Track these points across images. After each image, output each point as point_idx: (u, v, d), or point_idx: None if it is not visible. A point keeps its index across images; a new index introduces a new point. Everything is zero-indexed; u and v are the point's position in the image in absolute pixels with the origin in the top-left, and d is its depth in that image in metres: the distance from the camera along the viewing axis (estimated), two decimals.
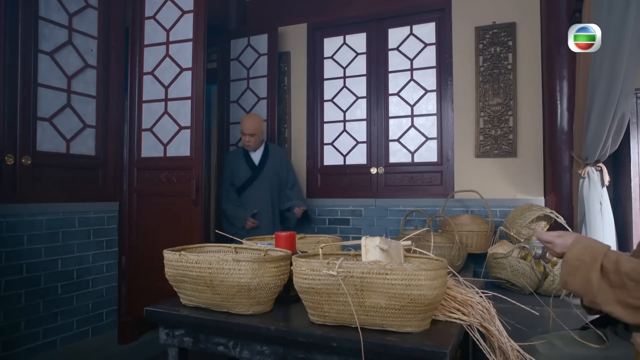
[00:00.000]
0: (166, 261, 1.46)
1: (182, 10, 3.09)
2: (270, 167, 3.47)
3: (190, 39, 3.04)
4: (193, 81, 3.02)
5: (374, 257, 1.23)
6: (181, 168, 3.02)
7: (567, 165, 3.09)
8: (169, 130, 3.08)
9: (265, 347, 1.32)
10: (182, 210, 3.10)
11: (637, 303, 1.07)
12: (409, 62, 3.83)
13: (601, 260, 1.16)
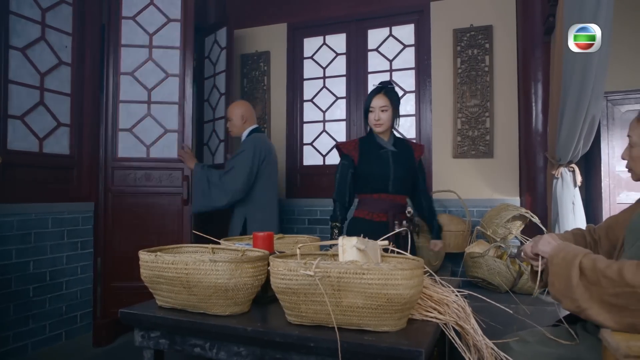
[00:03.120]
0: (142, 262, 1.44)
1: (167, 17, 3.19)
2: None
3: (177, 46, 3.18)
4: (181, 88, 3.18)
5: (351, 257, 1.24)
6: (169, 169, 3.17)
7: (542, 166, 3.16)
8: (152, 132, 3.15)
9: (242, 348, 1.31)
10: (168, 210, 3.19)
11: (612, 300, 1.09)
12: (388, 63, 3.86)
13: (580, 259, 1.18)
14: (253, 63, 4.22)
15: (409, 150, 2.51)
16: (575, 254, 1.21)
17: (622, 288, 1.08)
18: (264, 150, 2.94)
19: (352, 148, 2.47)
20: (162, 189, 3.17)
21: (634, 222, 1.33)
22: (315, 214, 3.91)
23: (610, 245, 1.46)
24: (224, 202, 2.88)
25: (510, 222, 3.15)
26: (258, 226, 2.86)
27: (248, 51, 4.24)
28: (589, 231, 1.55)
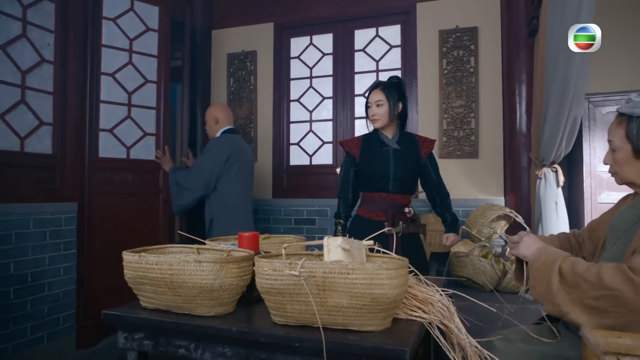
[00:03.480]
0: (125, 263, 1.42)
1: (146, 26, 3.29)
2: None
3: (155, 55, 3.33)
4: (159, 95, 3.33)
5: (336, 257, 1.24)
6: (149, 171, 3.28)
7: (526, 166, 3.20)
8: (132, 134, 3.20)
9: (227, 349, 1.30)
10: (150, 212, 3.30)
11: (592, 303, 1.11)
12: (375, 64, 3.88)
13: (560, 263, 1.20)
14: (240, 62, 4.20)
15: (415, 147, 2.39)
16: (554, 258, 1.23)
17: (602, 291, 1.09)
18: (227, 150, 2.98)
19: (354, 145, 2.44)
20: (143, 190, 3.27)
21: (614, 221, 1.36)
22: (302, 213, 3.91)
23: (593, 246, 1.49)
24: (189, 200, 3.01)
25: (494, 221, 3.18)
26: (226, 226, 2.91)
27: (234, 50, 4.22)
28: (574, 235, 1.58)
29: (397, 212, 2.32)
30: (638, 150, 1.24)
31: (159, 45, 3.34)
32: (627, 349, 1.00)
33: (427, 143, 2.43)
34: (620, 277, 1.08)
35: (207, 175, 2.95)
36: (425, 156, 2.39)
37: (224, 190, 2.99)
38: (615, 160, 1.31)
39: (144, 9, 3.28)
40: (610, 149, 1.33)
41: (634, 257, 1.11)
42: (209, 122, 3.16)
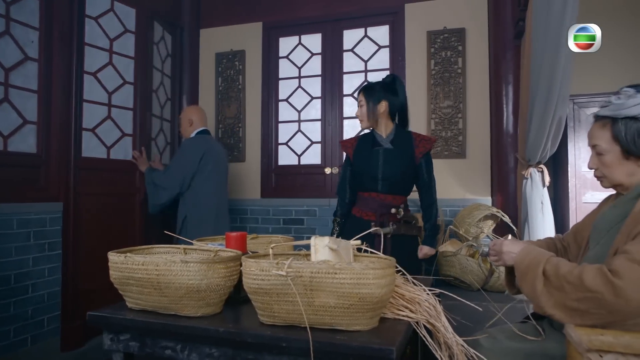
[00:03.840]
0: (111, 263, 1.41)
1: (125, 27, 3.29)
2: None
3: (132, 56, 3.35)
4: (136, 96, 3.36)
5: (323, 256, 1.24)
6: (126, 171, 3.30)
7: (513, 167, 3.23)
8: (112, 134, 3.22)
9: (214, 350, 1.30)
10: (132, 212, 3.34)
11: (574, 305, 1.13)
12: (364, 64, 3.88)
13: (543, 265, 1.22)
14: (228, 62, 4.19)
15: (409, 146, 2.32)
16: (538, 260, 1.25)
17: (583, 293, 1.11)
18: (201, 149, 3.11)
19: (349, 145, 2.46)
20: (122, 190, 3.30)
21: (598, 221, 1.38)
22: (290, 213, 3.90)
23: (578, 248, 1.51)
24: (165, 199, 3.13)
25: (482, 221, 3.21)
26: (199, 224, 3.05)
27: (223, 50, 4.20)
28: (559, 239, 1.60)
29: (387, 212, 2.29)
30: (628, 150, 1.26)
31: (136, 46, 3.38)
32: (609, 346, 1.01)
33: (423, 142, 2.34)
34: (601, 279, 1.09)
35: (182, 174, 3.06)
36: (420, 156, 2.31)
37: (198, 189, 3.11)
38: (604, 163, 1.31)
39: (123, 10, 3.30)
40: (596, 152, 1.33)
41: (615, 259, 1.13)
42: (184, 123, 3.29)
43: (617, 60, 3.28)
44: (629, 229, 1.20)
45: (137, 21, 3.40)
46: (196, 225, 3.06)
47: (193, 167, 3.08)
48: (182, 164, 3.09)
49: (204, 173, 3.10)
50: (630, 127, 1.24)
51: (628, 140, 1.24)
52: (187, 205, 3.12)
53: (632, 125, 1.24)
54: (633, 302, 1.05)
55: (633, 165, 1.28)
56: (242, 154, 4.11)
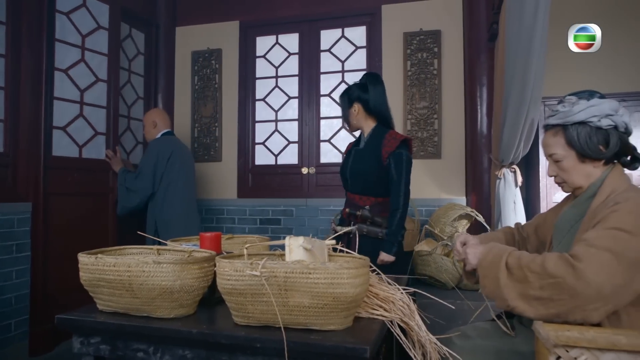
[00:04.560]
0: (81, 265, 1.37)
1: (98, 24, 3.24)
2: None
3: (106, 53, 3.30)
4: (109, 94, 3.32)
5: (297, 256, 1.24)
6: (99, 170, 3.26)
7: (487, 167, 3.29)
8: (84, 133, 3.16)
9: (188, 351, 1.28)
10: (104, 212, 3.29)
11: (537, 294, 1.16)
12: (341, 64, 3.90)
13: (506, 258, 1.25)
14: (204, 60, 4.14)
15: (378, 147, 2.25)
16: (500, 254, 1.28)
17: (546, 280, 1.15)
18: (168, 149, 3.13)
19: (348, 147, 2.55)
20: (94, 190, 3.25)
21: (560, 220, 1.43)
22: (267, 213, 3.88)
23: (539, 242, 1.56)
24: (136, 201, 3.10)
25: (456, 220, 3.26)
26: (169, 227, 3.06)
27: (199, 48, 4.15)
28: (518, 229, 1.65)
29: (354, 212, 2.29)
30: (583, 153, 1.31)
31: (109, 43, 3.32)
32: (575, 341, 1.04)
33: (390, 142, 2.23)
34: (563, 264, 1.14)
35: (152, 176, 3.07)
36: (386, 155, 2.21)
37: (167, 189, 3.11)
38: (562, 169, 1.37)
39: (96, 6, 3.25)
40: (553, 160, 1.38)
41: (575, 246, 1.18)
42: (147, 126, 3.27)
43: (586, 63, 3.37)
44: (587, 225, 1.26)
45: (110, 18, 3.33)
46: (166, 226, 3.06)
47: (161, 168, 3.08)
48: (151, 165, 3.08)
49: (172, 173, 3.12)
50: (580, 131, 1.30)
51: (581, 143, 1.30)
52: (156, 206, 3.12)
53: (582, 130, 1.30)
54: (593, 284, 1.10)
55: (589, 167, 1.34)
56: (218, 154, 4.07)
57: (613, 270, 1.11)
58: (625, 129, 1.31)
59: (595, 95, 1.34)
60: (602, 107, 1.29)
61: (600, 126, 1.28)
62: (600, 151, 1.30)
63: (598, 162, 1.32)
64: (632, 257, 1.12)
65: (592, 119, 1.29)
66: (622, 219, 1.16)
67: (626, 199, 1.21)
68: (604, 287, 1.10)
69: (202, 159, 4.09)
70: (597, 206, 1.27)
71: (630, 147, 1.34)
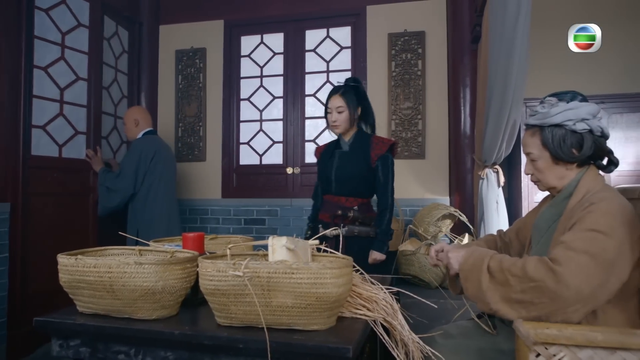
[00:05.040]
0: (60, 266, 1.35)
1: (78, 21, 3.18)
2: None
3: (86, 52, 3.23)
4: (89, 93, 3.26)
5: (280, 256, 1.23)
6: (79, 170, 3.20)
7: (470, 167, 3.33)
8: (64, 132, 3.10)
9: (170, 353, 1.27)
10: (84, 212, 3.23)
11: (519, 297, 1.18)
12: (325, 64, 3.90)
13: (487, 262, 1.26)
14: (188, 59, 4.11)
15: (366, 149, 2.31)
16: (482, 258, 1.29)
17: (527, 283, 1.17)
18: (151, 149, 3.09)
19: (319, 150, 2.53)
20: (74, 190, 3.19)
21: (538, 220, 1.45)
22: (252, 213, 3.87)
23: (520, 245, 1.59)
24: (116, 202, 3.06)
25: (440, 220, 3.29)
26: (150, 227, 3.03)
27: (183, 47, 4.11)
28: (500, 236, 1.67)
29: (341, 214, 2.29)
30: (556, 155, 1.34)
31: (90, 41, 3.27)
32: (554, 339, 1.06)
33: (380, 145, 2.32)
34: (543, 267, 1.16)
35: (133, 176, 3.02)
36: (376, 158, 2.29)
37: (149, 189, 3.08)
38: (537, 168, 1.40)
39: (76, 3, 3.18)
40: (530, 159, 1.42)
41: (554, 249, 1.20)
42: (129, 124, 3.22)
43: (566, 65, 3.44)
44: (564, 225, 1.28)
45: (90, 15, 3.28)
46: (148, 227, 3.03)
47: (144, 168, 3.04)
48: (133, 164, 3.03)
49: (155, 173, 3.08)
50: (555, 134, 1.33)
51: (555, 146, 1.33)
52: (138, 207, 3.08)
53: (557, 132, 1.33)
54: (572, 287, 1.12)
55: (562, 169, 1.37)
56: (202, 154, 4.04)
57: (591, 272, 1.14)
58: (600, 133, 1.33)
59: (577, 97, 1.35)
60: (579, 111, 1.30)
61: (575, 130, 1.31)
62: (573, 154, 1.33)
63: (571, 164, 1.35)
64: (608, 258, 1.15)
65: (567, 122, 1.31)
66: (598, 221, 1.18)
67: (601, 199, 1.24)
68: (583, 289, 1.12)
69: (186, 158, 4.06)
70: (573, 206, 1.30)
71: (606, 151, 1.37)
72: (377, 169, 2.30)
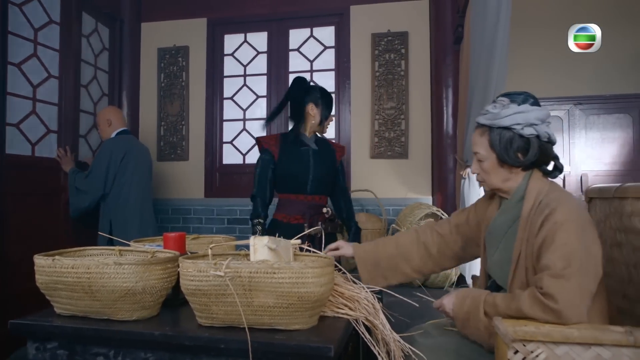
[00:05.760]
0: (37, 267, 1.33)
1: (49, 18, 3.11)
2: None
3: (57, 49, 3.16)
4: (61, 90, 3.19)
5: (262, 256, 1.23)
6: (51, 169, 3.13)
7: (452, 167, 3.36)
8: (37, 131, 3.05)
9: (150, 354, 1.25)
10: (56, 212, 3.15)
11: None
12: (309, 64, 3.90)
13: (482, 308, 1.28)
14: (171, 58, 4.06)
15: (331, 150, 2.45)
16: (476, 306, 1.29)
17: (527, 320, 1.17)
18: (122, 150, 3.03)
19: (272, 143, 2.40)
20: (52, 189, 3.14)
21: (491, 228, 1.46)
22: (235, 213, 3.85)
23: (463, 240, 1.61)
24: (87, 203, 3.00)
25: (423, 219, 3.31)
26: (124, 227, 2.97)
27: (165, 45, 4.07)
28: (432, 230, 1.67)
29: (316, 213, 2.32)
30: (502, 158, 1.34)
31: (61, 38, 3.19)
32: (532, 336, 1.08)
33: (339, 148, 2.53)
34: (539, 307, 1.15)
35: (104, 177, 2.96)
36: (339, 160, 2.48)
37: (119, 190, 3.02)
38: (483, 169, 1.40)
39: None
40: (477, 159, 1.41)
41: (541, 279, 1.18)
42: (102, 124, 3.16)
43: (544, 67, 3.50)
44: (526, 233, 1.29)
45: (62, 12, 3.20)
46: (121, 228, 2.96)
47: (114, 168, 2.98)
48: (103, 165, 2.97)
49: (126, 174, 3.02)
50: (503, 136, 1.32)
51: (501, 149, 1.33)
52: (110, 207, 3.02)
53: (505, 135, 1.32)
54: (573, 319, 1.13)
55: (507, 172, 1.37)
56: (185, 153, 4.00)
57: (583, 293, 1.15)
58: (547, 139, 1.33)
59: (529, 100, 1.34)
60: (528, 115, 1.30)
61: (522, 134, 1.30)
62: (518, 159, 1.33)
63: (516, 168, 1.35)
64: (590, 268, 1.17)
65: (515, 126, 1.30)
66: (567, 233, 1.19)
67: (557, 202, 1.24)
68: (582, 314, 1.14)
69: (168, 157, 4.01)
70: (530, 210, 1.30)
71: (551, 156, 1.37)
72: (339, 171, 2.47)
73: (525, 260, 1.30)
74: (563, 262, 1.16)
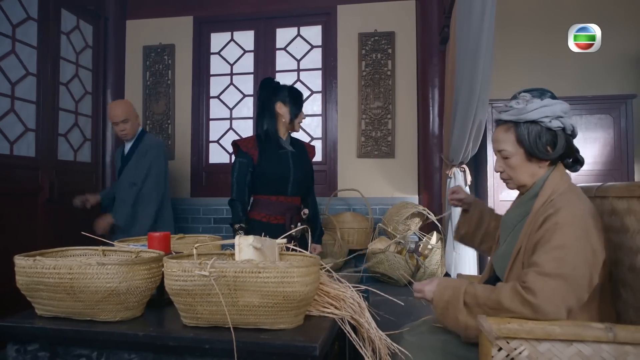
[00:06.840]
0: (17, 268, 1.30)
1: (27, 14, 3.07)
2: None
3: (35, 46, 3.12)
4: (39, 88, 3.14)
5: (247, 256, 1.23)
6: (28, 168, 3.10)
7: (438, 166, 3.38)
8: (15, 129, 3.00)
9: (134, 355, 1.24)
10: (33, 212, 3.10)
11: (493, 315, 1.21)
12: (296, 63, 3.89)
13: (463, 298, 1.28)
14: (156, 56, 4.02)
15: (305, 151, 2.55)
16: (456, 295, 1.30)
17: (505, 313, 1.19)
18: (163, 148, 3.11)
19: (250, 146, 2.39)
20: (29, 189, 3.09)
21: (504, 219, 1.48)
22: (222, 212, 3.82)
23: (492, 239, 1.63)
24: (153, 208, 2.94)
25: (409, 219, 3.33)
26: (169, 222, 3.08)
27: (151, 43, 4.02)
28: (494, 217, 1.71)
29: (295, 214, 2.38)
30: (531, 152, 1.34)
31: (39, 35, 3.14)
32: (515, 333, 1.09)
33: (311, 148, 2.61)
34: (518, 300, 1.17)
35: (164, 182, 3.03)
36: (311, 160, 2.57)
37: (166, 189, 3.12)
38: (510, 166, 1.39)
39: None
40: (502, 156, 1.41)
41: (526, 274, 1.20)
42: (132, 119, 2.99)
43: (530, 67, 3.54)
44: (530, 228, 1.30)
45: (39, 8, 3.15)
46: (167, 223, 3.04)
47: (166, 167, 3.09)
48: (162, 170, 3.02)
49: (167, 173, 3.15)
50: (532, 130, 1.33)
51: (531, 143, 1.33)
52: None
53: (533, 129, 1.33)
54: (550, 314, 1.15)
55: (535, 167, 1.37)
56: (171, 152, 3.96)
57: (564, 295, 1.16)
58: (572, 131, 1.35)
59: (547, 94, 1.36)
60: (555, 108, 1.31)
61: (550, 127, 1.31)
62: (547, 152, 1.34)
63: (544, 162, 1.36)
64: (579, 275, 1.17)
65: (544, 119, 1.31)
66: (563, 236, 1.19)
67: (565, 203, 1.25)
68: (561, 312, 1.15)
69: None
70: (539, 207, 1.31)
71: (574, 150, 1.39)
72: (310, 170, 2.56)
73: (523, 255, 1.31)
74: (553, 264, 1.17)
